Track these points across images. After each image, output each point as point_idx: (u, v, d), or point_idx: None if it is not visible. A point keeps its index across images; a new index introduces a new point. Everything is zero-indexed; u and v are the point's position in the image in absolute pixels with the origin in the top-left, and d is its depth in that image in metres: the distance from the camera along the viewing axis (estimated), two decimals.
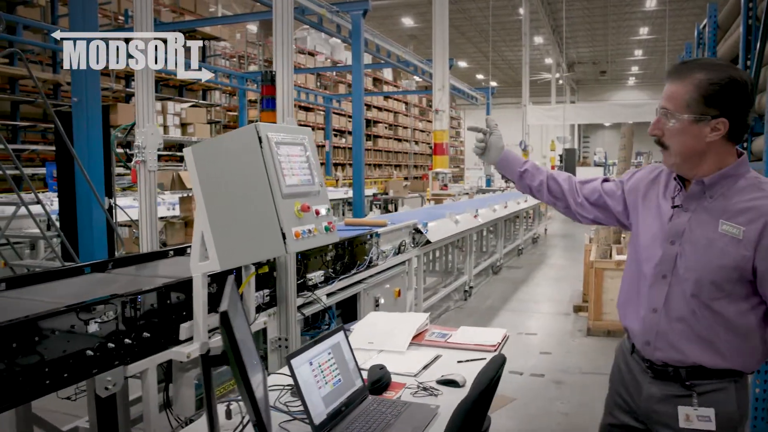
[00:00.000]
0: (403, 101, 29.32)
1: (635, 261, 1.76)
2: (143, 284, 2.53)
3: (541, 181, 1.94)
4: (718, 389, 1.61)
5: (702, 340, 1.59)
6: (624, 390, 1.80)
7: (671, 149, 1.60)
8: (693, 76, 1.54)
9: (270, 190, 2.23)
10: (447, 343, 2.58)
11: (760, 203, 1.52)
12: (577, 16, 24.82)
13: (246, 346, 1.42)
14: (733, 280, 1.54)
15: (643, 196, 1.78)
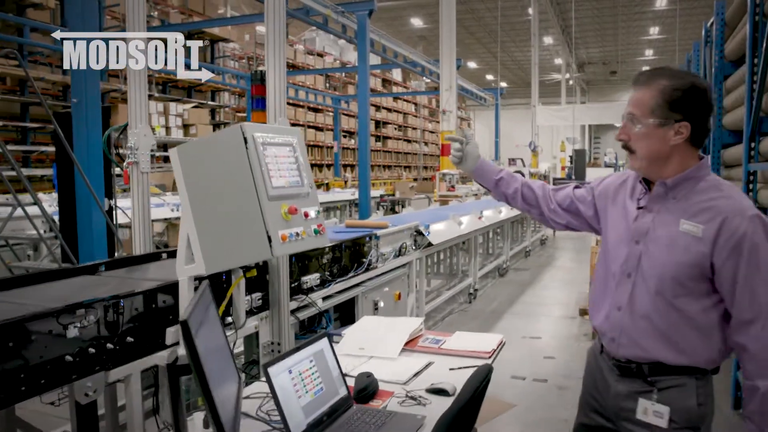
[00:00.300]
0: (412, 102, 29.27)
1: (604, 262, 1.84)
2: (131, 287, 2.48)
3: (515, 189, 2.03)
4: (678, 385, 1.67)
5: (664, 337, 1.66)
6: (594, 390, 1.86)
7: (638, 153, 1.68)
8: (657, 82, 1.64)
9: (255, 192, 2.17)
10: (440, 350, 2.51)
11: (718, 203, 1.61)
12: (586, 16, 24.64)
13: (216, 355, 1.35)
14: (694, 277, 1.62)
15: (612, 200, 1.86)
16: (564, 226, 2.04)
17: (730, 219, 1.58)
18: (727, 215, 1.58)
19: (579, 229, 2.05)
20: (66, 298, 2.31)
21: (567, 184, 2.06)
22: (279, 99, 2.92)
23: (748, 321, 1.58)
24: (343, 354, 2.46)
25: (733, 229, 1.57)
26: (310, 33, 21.62)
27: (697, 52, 6.67)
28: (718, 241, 1.58)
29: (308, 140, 21.23)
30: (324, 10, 9.58)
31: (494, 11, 22.59)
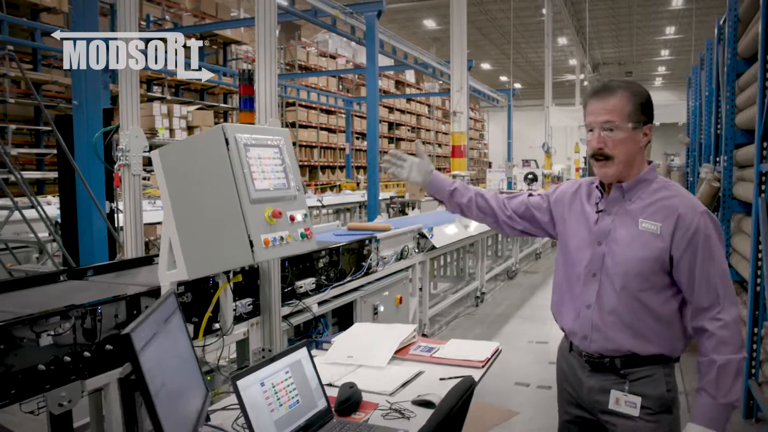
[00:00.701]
0: (425, 104, 29.17)
1: (564, 266, 1.95)
2: (116, 292, 2.41)
3: (470, 198, 2.09)
4: (648, 375, 1.78)
5: (632, 330, 1.77)
6: (569, 386, 1.95)
7: (617, 158, 1.76)
8: (623, 90, 1.77)
9: (237, 195, 2.10)
10: (432, 358, 2.42)
11: (671, 201, 1.75)
12: (601, 17, 24.39)
13: (176, 368, 1.27)
14: (655, 271, 1.74)
15: (568, 207, 1.96)
16: (520, 231, 2.12)
17: (684, 214, 1.71)
18: (682, 211, 1.72)
19: (534, 235, 2.15)
20: (45, 304, 2.25)
21: (519, 193, 2.15)
22: (269, 99, 2.85)
23: (706, 307, 1.71)
24: (331, 362, 2.38)
25: (687, 223, 1.71)
26: (323, 35, 21.58)
27: (710, 50, 6.51)
28: (676, 235, 1.71)
29: (321, 142, 21.20)
30: (332, 11, 9.50)
31: (508, 12, 22.40)
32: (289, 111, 20.39)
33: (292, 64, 20.16)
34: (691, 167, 8.62)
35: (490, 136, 37.67)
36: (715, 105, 5.80)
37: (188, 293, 2.56)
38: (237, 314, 2.83)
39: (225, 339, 2.63)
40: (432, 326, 6.01)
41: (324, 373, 2.26)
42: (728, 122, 4.82)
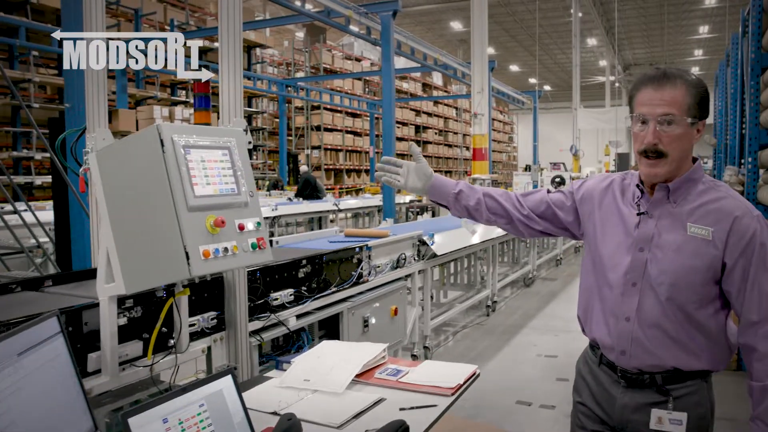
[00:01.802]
0: (453, 106, 28.90)
1: (595, 271, 1.77)
2: (61, 305, 2.23)
3: (478, 200, 1.88)
4: (692, 392, 1.65)
5: (677, 344, 1.63)
6: (594, 403, 1.79)
7: (671, 155, 1.60)
8: (682, 81, 1.59)
9: (172, 202, 1.89)
10: (398, 383, 2.18)
11: (723, 204, 1.59)
12: (631, 16, 23.83)
13: (44, 404, 1.06)
14: (706, 282, 1.59)
15: (598, 205, 1.78)
16: (539, 232, 1.92)
17: (740, 218, 1.57)
18: (737, 215, 1.57)
19: (555, 235, 1.98)
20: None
21: (536, 190, 1.95)
22: (234, 99, 2.65)
23: (756, 322, 1.57)
24: (285, 386, 2.16)
25: (744, 228, 1.56)
26: (348, 38, 21.46)
27: (736, 44, 6.14)
28: (730, 241, 1.57)
29: (346, 145, 21.09)
30: (345, 11, 9.31)
31: (535, 13, 22.03)
32: (314, 114, 20.32)
33: (317, 67, 20.09)
34: (717, 170, 8.21)
35: (520, 139, 37.21)
36: (740, 103, 5.46)
37: (137, 307, 2.37)
38: (198, 329, 2.63)
39: (182, 356, 2.43)
40: (437, 337, 5.76)
41: (272, 399, 2.05)
42: (752, 121, 4.50)
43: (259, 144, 19.09)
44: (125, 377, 2.19)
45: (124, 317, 2.31)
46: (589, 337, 1.83)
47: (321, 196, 13.72)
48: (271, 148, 19.59)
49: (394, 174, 1.91)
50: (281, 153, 18.69)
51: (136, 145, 1.98)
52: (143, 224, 1.98)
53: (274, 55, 21.26)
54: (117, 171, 2.04)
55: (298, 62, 20.61)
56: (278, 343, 3.26)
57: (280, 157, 18.73)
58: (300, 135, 20.38)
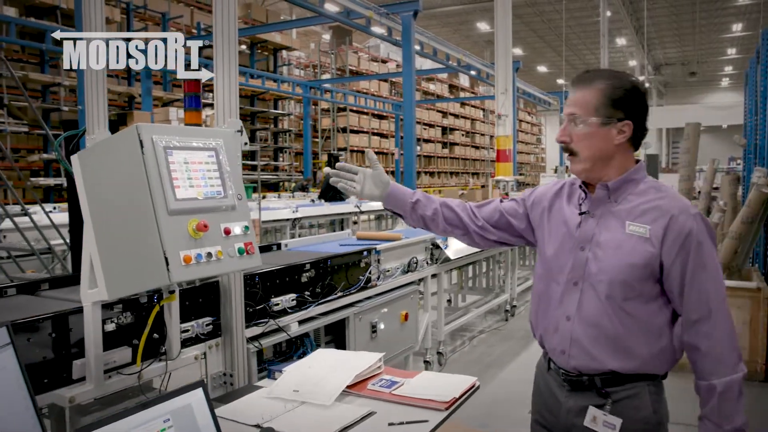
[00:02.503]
0: (480, 108, 28.66)
1: (544, 275, 1.78)
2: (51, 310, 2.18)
3: (435, 210, 1.88)
4: (633, 395, 1.63)
5: (615, 344, 1.63)
6: (545, 409, 1.80)
7: (581, 154, 1.65)
8: (598, 82, 1.64)
9: (152, 205, 1.82)
10: (391, 396, 2.08)
11: (661, 203, 1.61)
12: (662, 15, 23.35)
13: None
14: (643, 279, 1.60)
15: (548, 210, 1.81)
16: (494, 242, 1.93)
17: (676, 217, 1.58)
18: (674, 213, 1.58)
19: (511, 244, 1.98)
20: None
21: (489, 200, 1.97)
22: (230, 99, 2.57)
23: (697, 320, 1.58)
24: (273, 397, 2.08)
25: (680, 226, 1.57)
26: (374, 40, 21.41)
27: (766, 40, 5.91)
28: (666, 240, 1.58)
29: (372, 147, 21.02)
30: (365, 12, 9.24)
31: (563, 13, 21.73)
32: (340, 116, 20.31)
33: (343, 69, 20.08)
34: (746, 171, 7.93)
35: (548, 141, 36.76)
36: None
37: (126, 313, 2.30)
38: (193, 335, 2.57)
39: (174, 363, 2.36)
40: (453, 342, 5.64)
41: (257, 411, 1.97)
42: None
43: (285, 146, 19.15)
44: (111, 385, 2.13)
45: (112, 323, 2.26)
46: (537, 340, 1.83)
47: (344, 197, 13.62)
48: (298, 150, 19.62)
49: (349, 180, 1.89)
50: (305, 155, 18.72)
51: (117, 146, 1.92)
52: (125, 228, 1.91)
53: (301, 57, 21.31)
54: (99, 173, 1.98)
55: (325, 64, 20.62)
56: (281, 349, 3.18)
57: (305, 158, 18.76)
58: (326, 137, 20.38)
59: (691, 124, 5.74)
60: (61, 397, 2.01)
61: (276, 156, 19.04)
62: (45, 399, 2.04)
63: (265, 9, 18.09)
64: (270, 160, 18.58)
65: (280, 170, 18.74)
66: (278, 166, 18.67)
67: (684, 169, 5.72)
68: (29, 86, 12.11)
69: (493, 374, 4.77)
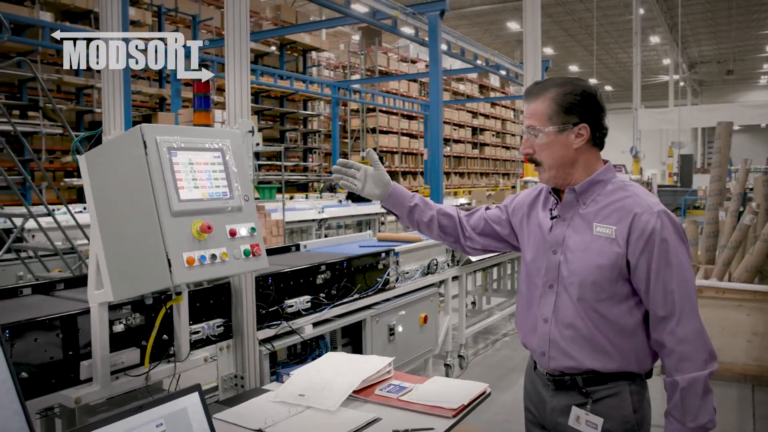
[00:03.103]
0: (511, 108, 28.41)
1: (525, 278, 1.82)
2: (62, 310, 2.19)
3: (431, 216, 1.93)
4: (613, 394, 1.66)
5: (591, 344, 1.65)
6: (533, 406, 1.84)
7: (544, 163, 1.69)
8: (548, 92, 1.68)
9: (155, 206, 1.80)
10: (398, 401, 2.04)
11: (625, 202, 1.63)
12: (696, 12, 22.84)
13: None
14: (613, 279, 1.61)
15: (527, 216, 1.85)
16: (481, 250, 1.99)
17: (639, 215, 1.59)
18: (636, 212, 1.60)
19: (498, 250, 2.03)
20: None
21: (476, 209, 2.02)
22: (242, 99, 2.56)
23: (662, 317, 1.59)
24: (279, 401, 2.05)
25: (643, 225, 1.59)
26: (404, 40, 21.37)
27: None
28: (631, 239, 1.60)
29: (401, 147, 20.99)
30: (391, 12, 9.19)
31: (595, 11, 21.41)
32: (369, 116, 20.31)
33: (372, 70, 20.08)
34: None
35: None
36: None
37: (136, 314, 2.30)
38: (203, 336, 2.56)
39: (183, 365, 2.34)
40: (476, 345, 5.57)
41: (261, 415, 1.94)
42: None
43: (315, 147, 19.23)
44: (118, 386, 2.12)
45: (120, 324, 2.25)
46: (522, 343, 1.86)
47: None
48: (327, 151, 19.68)
49: (351, 177, 1.93)
50: (333, 155, 18.76)
51: (122, 146, 1.91)
52: (129, 229, 1.91)
53: (331, 58, 21.37)
54: (105, 174, 1.97)
55: (354, 65, 20.65)
56: (296, 351, 3.16)
57: (333, 159, 18.80)
58: (356, 137, 20.40)
59: (723, 123, 5.56)
60: (68, 397, 2.01)
61: (305, 156, 19.13)
62: (52, 399, 2.04)
63: (295, 11, 18.19)
64: (299, 161, 18.68)
65: (309, 171, 18.83)
66: (307, 167, 18.76)
67: (715, 169, 5.55)
68: (64, 89, 12.38)
69: (515, 379, 4.68)
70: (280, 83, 16.33)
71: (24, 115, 11.44)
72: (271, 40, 16.77)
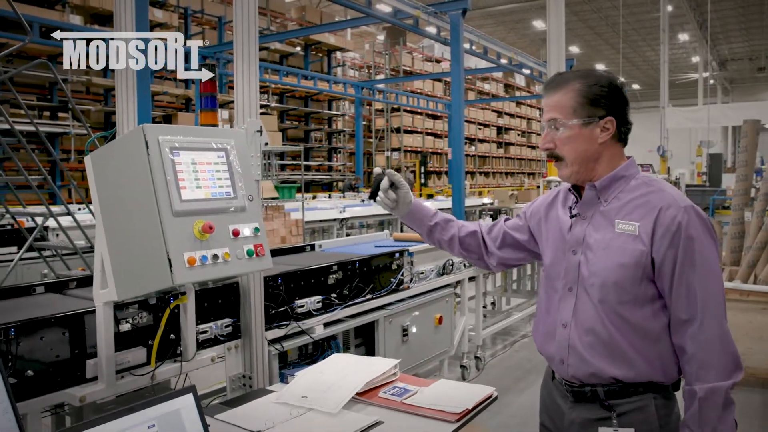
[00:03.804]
0: (536, 107, 28.18)
1: (545, 283, 1.74)
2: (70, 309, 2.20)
3: (452, 236, 1.89)
4: (638, 408, 1.55)
5: (613, 351, 1.55)
6: (549, 420, 1.74)
7: (566, 158, 1.60)
8: (572, 83, 1.59)
9: (156, 206, 1.80)
10: (402, 404, 2.01)
11: (650, 197, 1.55)
12: (727, 8, 22.37)
13: None
14: (636, 280, 1.52)
15: (544, 217, 1.78)
16: (502, 265, 1.92)
17: (665, 210, 1.51)
18: (662, 206, 1.51)
19: (521, 263, 1.97)
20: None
21: (494, 223, 1.95)
22: (250, 99, 2.55)
23: (685, 320, 1.50)
24: (281, 402, 2.04)
25: (669, 220, 1.50)
26: (429, 40, 21.31)
27: None
28: (656, 235, 1.51)
29: (426, 147, 20.95)
30: (413, 11, 9.15)
31: (621, 8, 21.10)
32: (394, 116, 20.29)
33: (397, 70, 20.06)
34: None
35: None
36: None
37: (143, 313, 2.30)
38: (211, 336, 2.56)
39: (190, 365, 2.35)
40: (494, 346, 5.51)
41: (262, 417, 1.93)
42: None
43: (339, 146, 19.28)
44: (123, 385, 2.13)
45: (127, 323, 2.26)
46: (540, 352, 1.76)
47: None
48: (352, 150, 19.71)
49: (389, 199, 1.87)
50: (357, 154, 18.78)
51: (125, 146, 1.92)
52: (132, 229, 1.91)
53: (355, 58, 21.40)
54: (110, 174, 1.98)
55: (379, 65, 20.65)
56: (307, 351, 3.15)
57: (357, 158, 18.83)
58: (380, 137, 20.41)
59: (749, 121, 5.42)
60: (72, 396, 2.02)
61: (330, 156, 19.19)
62: (58, 397, 2.06)
63: (320, 11, 18.25)
64: (324, 161, 18.74)
65: (333, 170, 18.88)
66: (332, 167, 18.82)
67: (741, 168, 5.41)
68: (92, 90, 12.58)
69: (533, 380, 4.61)
70: (303, 83, 16.39)
71: (54, 116, 11.65)
72: (296, 41, 16.83)
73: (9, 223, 5.35)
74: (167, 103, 14.35)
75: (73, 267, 4.88)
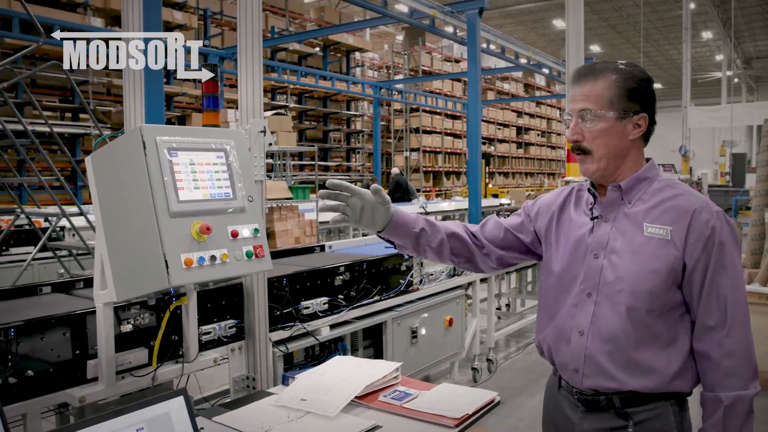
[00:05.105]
0: (557, 107, 27.95)
1: (552, 287, 1.63)
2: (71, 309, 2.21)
3: (441, 240, 1.70)
4: (656, 416, 1.48)
5: (634, 361, 1.47)
6: (555, 430, 1.65)
7: (595, 153, 1.51)
8: (609, 74, 1.51)
9: (153, 207, 1.80)
10: (401, 409, 1.98)
11: (679, 200, 1.48)
12: (752, 4, 21.96)
13: None
14: (667, 287, 1.45)
15: (556, 220, 1.66)
16: (497, 266, 1.79)
17: (698, 213, 1.45)
18: (696, 209, 1.45)
19: (516, 263, 1.84)
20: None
21: (485, 220, 1.81)
22: (254, 99, 2.54)
23: (712, 326, 1.45)
24: (280, 405, 2.02)
25: (702, 224, 1.44)
26: (448, 40, 21.24)
27: None
28: (689, 239, 1.44)
29: (445, 147, 20.87)
30: (429, 11, 9.11)
31: (643, 6, 20.83)
32: (413, 116, 20.25)
33: (415, 70, 20.01)
34: None
35: None
36: None
37: (145, 313, 2.30)
38: (215, 337, 2.55)
39: (192, 366, 2.34)
40: (507, 348, 5.45)
41: (259, 420, 1.91)
42: None
43: (358, 147, 19.29)
44: (124, 386, 2.13)
45: (129, 324, 2.26)
46: (547, 358, 1.69)
47: (412, 198, 13.60)
48: (371, 151, 19.71)
49: (340, 203, 1.64)
50: (375, 155, 18.77)
51: (123, 147, 1.91)
52: (131, 230, 1.91)
53: (374, 58, 21.39)
54: (109, 174, 1.98)
55: (398, 65, 20.62)
56: (314, 353, 3.14)
57: (375, 158, 18.82)
58: (399, 137, 20.38)
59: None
60: (72, 396, 2.02)
61: (348, 156, 19.20)
62: (59, 398, 2.06)
63: (339, 12, 18.27)
64: (342, 161, 18.76)
65: (352, 171, 18.89)
66: (350, 167, 18.83)
67: (762, 168, 5.30)
68: (113, 92, 12.71)
69: (545, 384, 4.55)
70: (322, 83, 16.41)
71: (76, 118, 11.79)
72: (315, 41, 16.86)
73: (27, 224, 5.42)
74: (186, 104, 14.45)
75: (87, 267, 4.92)
